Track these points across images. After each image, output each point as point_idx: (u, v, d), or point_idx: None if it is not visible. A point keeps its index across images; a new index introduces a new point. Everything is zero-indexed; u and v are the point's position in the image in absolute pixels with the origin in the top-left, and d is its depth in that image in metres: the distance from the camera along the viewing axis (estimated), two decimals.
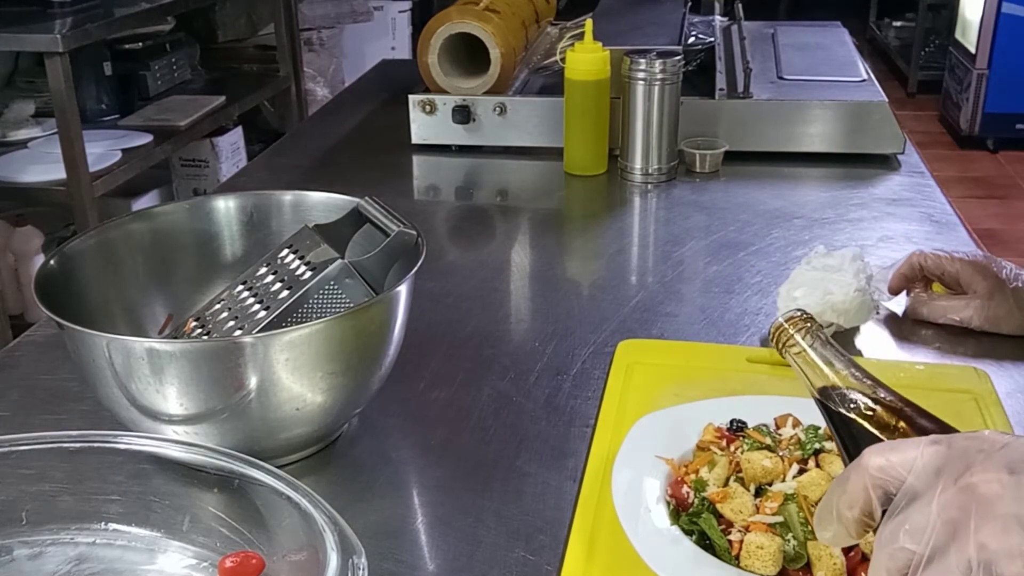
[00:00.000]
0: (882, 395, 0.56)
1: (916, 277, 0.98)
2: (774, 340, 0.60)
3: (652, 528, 0.67)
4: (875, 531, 0.50)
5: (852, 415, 0.55)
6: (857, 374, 0.57)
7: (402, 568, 0.68)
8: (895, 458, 0.49)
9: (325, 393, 0.72)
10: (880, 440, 0.54)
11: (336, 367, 0.72)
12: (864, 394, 0.56)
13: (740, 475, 0.69)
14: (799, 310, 0.60)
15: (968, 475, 0.46)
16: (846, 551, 0.63)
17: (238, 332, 0.77)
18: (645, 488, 0.71)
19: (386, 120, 1.65)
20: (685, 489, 0.69)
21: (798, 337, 0.59)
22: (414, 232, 0.79)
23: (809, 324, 0.59)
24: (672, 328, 0.98)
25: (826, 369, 0.58)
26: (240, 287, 0.81)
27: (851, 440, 0.55)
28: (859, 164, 1.39)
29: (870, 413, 0.55)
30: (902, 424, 0.54)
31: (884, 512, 0.50)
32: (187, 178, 2.90)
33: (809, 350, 0.58)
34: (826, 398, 0.57)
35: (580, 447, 0.79)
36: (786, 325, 0.59)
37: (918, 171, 1.38)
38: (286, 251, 0.82)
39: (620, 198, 1.34)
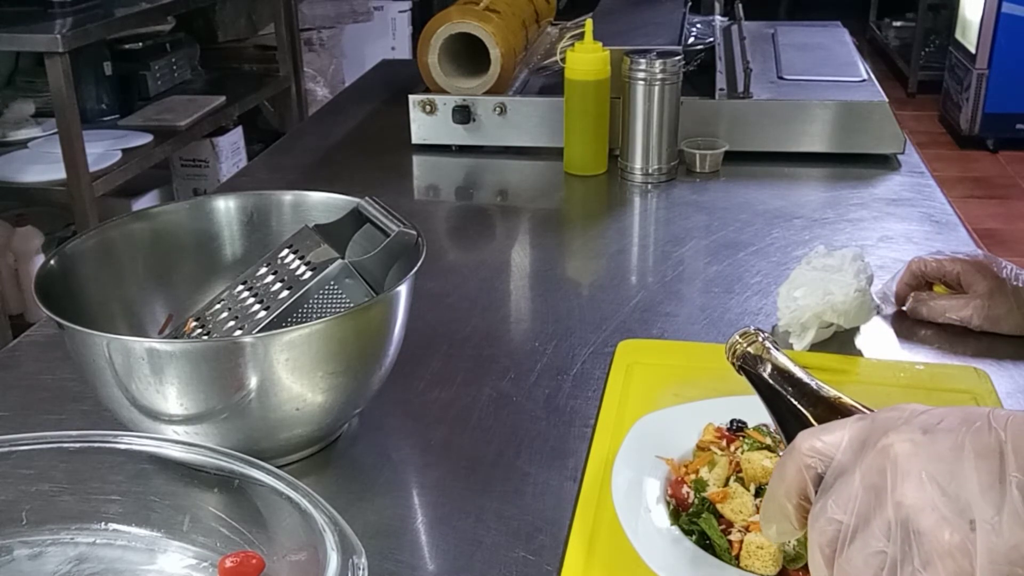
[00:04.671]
0: (825, 392, 0.57)
1: (919, 284, 0.98)
2: (735, 356, 0.62)
3: (652, 528, 0.67)
4: None
5: (799, 406, 0.57)
6: (805, 377, 0.59)
7: (402, 568, 0.68)
8: (826, 438, 0.50)
9: (325, 393, 0.72)
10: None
11: (336, 367, 0.72)
12: (808, 390, 0.57)
13: (740, 475, 0.69)
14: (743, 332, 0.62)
15: (884, 439, 0.47)
16: None
17: (238, 332, 0.77)
18: (645, 488, 0.71)
19: (386, 120, 1.65)
20: (685, 489, 0.69)
21: (754, 348, 0.61)
22: (414, 232, 0.79)
23: (759, 337, 0.62)
24: (672, 328, 0.98)
25: (786, 365, 0.60)
26: (240, 287, 0.81)
27: (795, 432, 0.56)
28: (859, 164, 1.39)
29: (810, 408, 0.56)
30: (838, 416, 0.55)
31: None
32: (187, 178, 2.90)
33: (767, 352, 0.61)
34: (775, 389, 0.59)
35: (580, 447, 0.79)
36: (739, 338, 0.62)
37: (918, 171, 1.38)
38: (286, 251, 0.82)
39: (620, 198, 1.34)
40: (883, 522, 0.46)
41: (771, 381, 0.59)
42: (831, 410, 0.56)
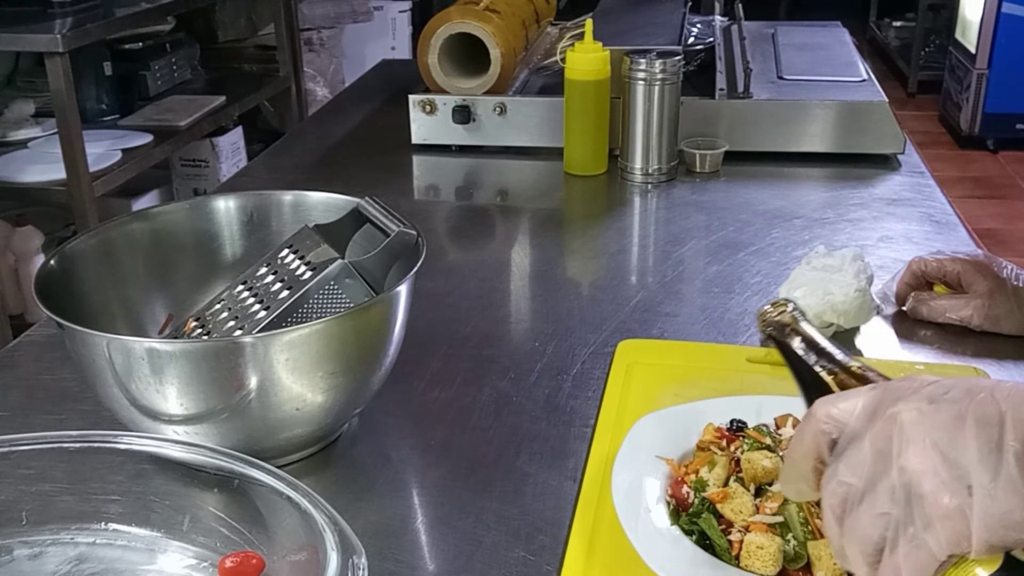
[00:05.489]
0: (848, 362, 0.59)
1: (919, 284, 0.98)
2: (764, 324, 0.64)
3: (652, 528, 0.67)
4: None
5: (824, 375, 0.59)
6: (830, 347, 0.61)
7: (402, 568, 0.68)
8: (841, 405, 0.53)
9: (325, 393, 0.72)
10: None
11: (336, 367, 0.72)
12: (832, 359, 0.59)
13: (740, 475, 0.69)
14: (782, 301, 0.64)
15: (893, 407, 0.50)
16: None
17: (238, 332, 0.77)
18: (645, 488, 0.71)
19: (386, 120, 1.65)
20: (685, 489, 0.69)
21: (783, 317, 0.63)
22: (414, 232, 0.78)
23: (788, 307, 0.64)
24: (672, 328, 0.98)
25: (810, 333, 0.62)
26: (240, 287, 0.81)
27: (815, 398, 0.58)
28: (859, 164, 1.39)
29: (833, 376, 0.58)
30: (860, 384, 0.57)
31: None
32: (187, 178, 2.90)
33: (796, 323, 0.62)
34: (801, 358, 0.61)
35: (580, 447, 0.79)
36: (769, 307, 0.64)
37: (918, 171, 1.38)
38: (286, 251, 0.82)
39: (620, 198, 1.34)
40: (888, 486, 0.48)
41: (798, 350, 0.61)
42: (852, 379, 0.58)
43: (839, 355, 0.59)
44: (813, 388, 0.59)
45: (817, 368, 0.59)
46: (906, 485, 0.48)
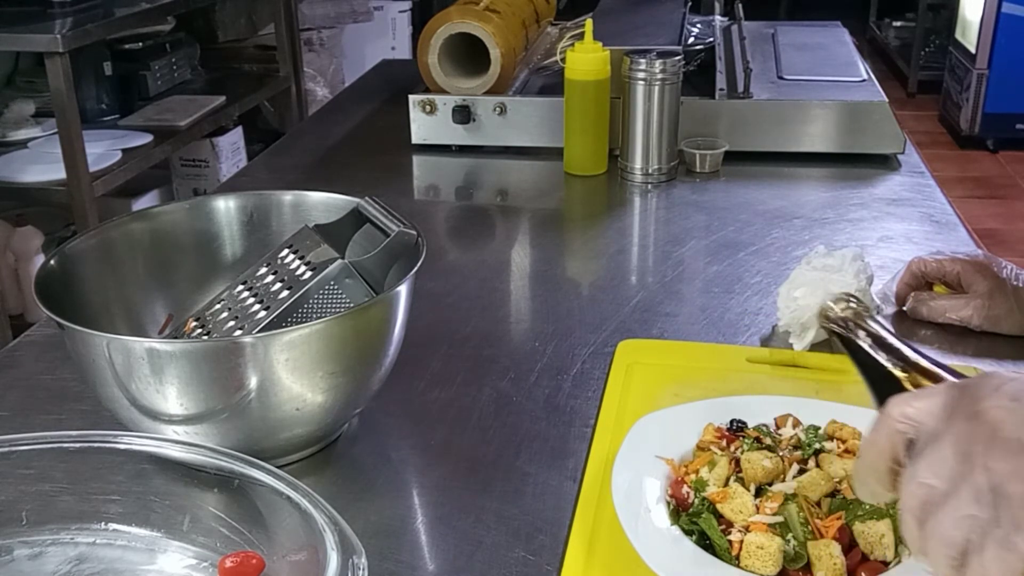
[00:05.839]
0: (919, 359, 0.58)
1: (919, 284, 0.98)
2: (827, 320, 0.64)
3: (652, 528, 0.67)
4: None
5: (894, 372, 0.58)
6: (899, 343, 0.60)
7: (402, 568, 0.68)
8: (917, 404, 0.51)
9: (325, 393, 0.72)
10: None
11: (336, 367, 0.72)
12: (902, 355, 0.58)
13: (740, 475, 0.69)
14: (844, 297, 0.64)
15: (975, 406, 0.48)
16: (846, 551, 0.63)
17: (238, 332, 0.77)
18: (645, 488, 0.71)
19: (386, 120, 1.65)
20: (685, 489, 0.69)
21: (848, 312, 0.63)
22: (414, 232, 0.79)
23: (852, 303, 0.63)
24: (672, 328, 0.98)
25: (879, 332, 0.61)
26: (240, 287, 0.81)
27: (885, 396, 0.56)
28: (859, 164, 1.39)
29: (905, 373, 0.57)
30: (931, 383, 0.56)
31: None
32: (187, 178, 2.90)
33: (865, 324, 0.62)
34: (869, 354, 0.60)
35: (580, 447, 0.79)
36: (833, 303, 0.64)
37: (918, 171, 1.38)
38: (286, 251, 0.82)
39: (620, 198, 1.34)
40: (973, 487, 0.47)
41: (865, 346, 0.60)
42: (925, 376, 0.56)
43: (909, 351, 0.58)
44: (884, 386, 0.57)
45: (888, 365, 0.58)
46: (993, 487, 0.46)
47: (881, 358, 0.58)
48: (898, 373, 0.57)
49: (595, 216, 1.32)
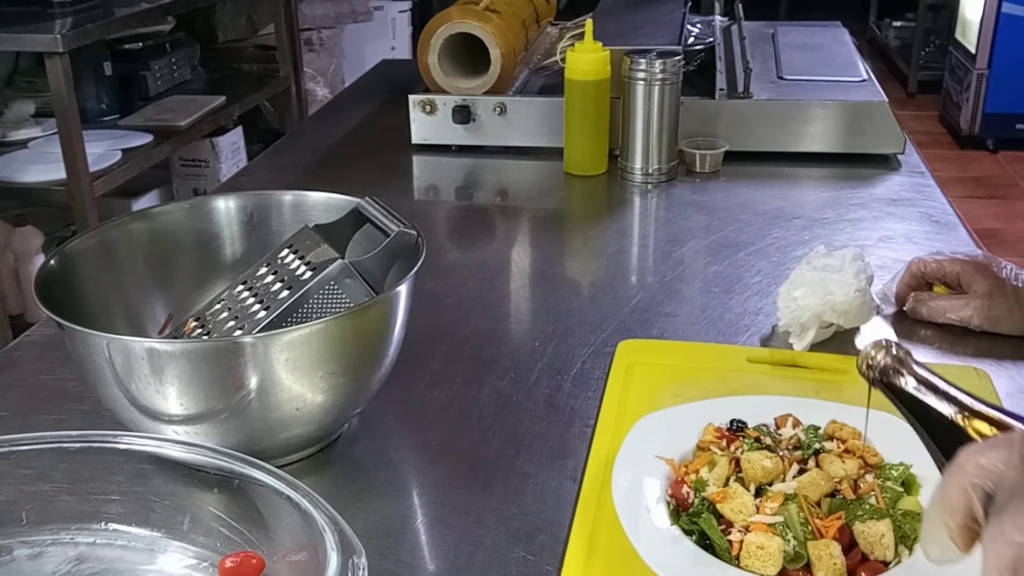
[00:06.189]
0: (975, 403, 0.55)
1: (919, 285, 0.98)
2: (869, 368, 0.60)
3: (652, 528, 0.67)
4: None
5: (951, 419, 0.54)
6: (950, 387, 0.57)
7: (402, 568, 0.68)
8: (992, 454, 0.48)
9: (325, 393, 0.72)
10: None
11: (336, 367, 0.72)
12: (956, 401, 0.55)
13: (740, 475, 0.69)
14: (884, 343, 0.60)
15: None
16: (846, 551, 0.63)
17: (238, 332, 0.77)
18: (645, 488, 0.71)
19: (386, 120, 1.65)
20: (685, 489, 0.69)
21: (889, 360, 0.59)
22: (414, 232, 0.79)
23: (892, 348, 0.60)
24: (672, 328, 0.98)
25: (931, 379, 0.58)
26: (240, 287, 0.81)
27: (949, 447, 0.53)
28: (859, 164, 1.39)
29: (965, 419, 0.54)
30: (995, 429, 0.53)
31: (987, 514, 0.48)
32: (187, 178, 2.90)
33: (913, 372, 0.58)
34: (922, 402, 0.56)
35: (580, 447, 0.79)
36: (872, 351, 0.60)
37: (918, 171, 1.38)
38: (286, 251, 0.82)
39: (620, 198, 1.34)
40: None
41: (916, 394, 0.56)
42: (987, 422, 0.53)
43: (962, 396, 0.55)
44: (944, 436, 0.54)
45: (947, 412, 0.54)
46: None
47: (937, 405, 0.55)
48: (959, 420, 0.54)
49: (595, 216, 1.32)
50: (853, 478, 0.68)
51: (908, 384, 0.57)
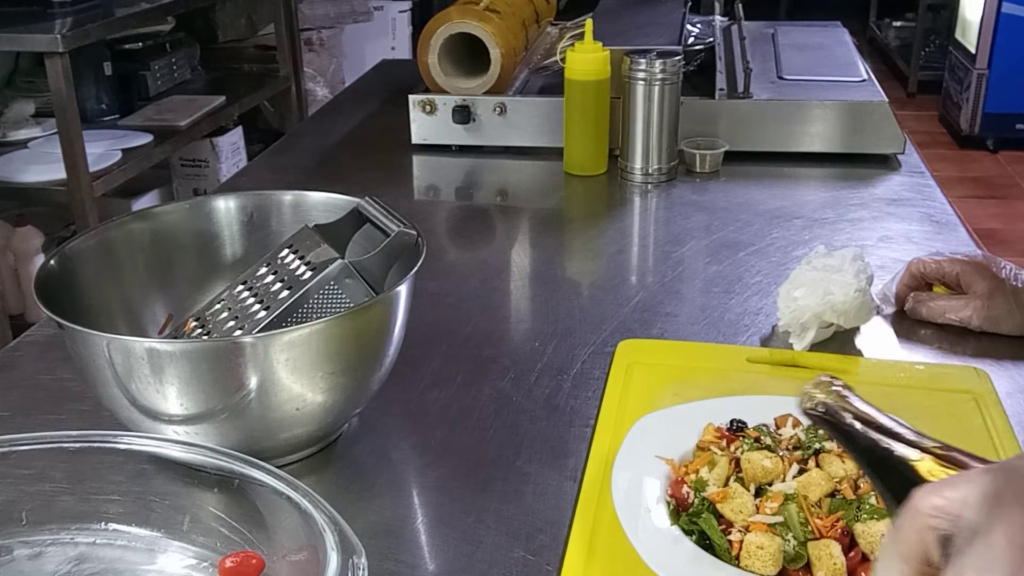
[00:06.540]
0: (928, 443, 0.52)
1: (919, 285, 0.98)
2: (808, 406, 0.58)
3: (652, 528, 0.67)
4: None
5: (900, 457, 0.52)
6: (894, 424, 0.55)
7: (402, 568, 0.68)
8: (949, 494, 0.45)
9: (325, 393, 0.72)
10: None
11: (336, 367, 0.72)
12: (903, 439, 0.53)
13: (740, 475, 0.69)
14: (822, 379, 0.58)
15: None
16: (846, 551, 0.63)
17: (238, 332, 0.77)
18: (645, 488, 0.71)
19: (386, 120, 1.65)
20: (685, 489, 0.69)
21: (831, 397, 0.57)
22: (414, 232, 0.79)
23: (833, 384, 0.58)
24: (672, 328, 0.98)
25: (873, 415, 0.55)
26: (240, 287, 0.81)
27: (897, 486, 0.51)
28: (859, 164, 1.39)
29: (918, 459, 0.51)
30: (951, 468, 0.50)
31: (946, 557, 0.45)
32: (187, 178, 2.90)
33: (851, 404, 0.56)
34: (866, 440, 0.54)
35: (580, 447, 0.79)
36: (812, 388, 0.58)
37: (918, 171, 1.38)
38: (286, 251, 0.82)
39: (620, 198, 1.34)
40: None
41: (861, 432, 0.54)
42: (940, 460, 0.51)
43: (908, 432, 0.53)
44: (894, 476, 0.51)
45: (898, 450, 0.52)
46: None
47: (883, 442, 0.52)
48: (909, 458, 0.51)
49: (595, 216, 1.32)
50: (853, 478, 0.68)
51: (851, 422, 0.55)
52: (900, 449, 0.52)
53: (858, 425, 0.54)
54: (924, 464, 0.51)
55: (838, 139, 1.40)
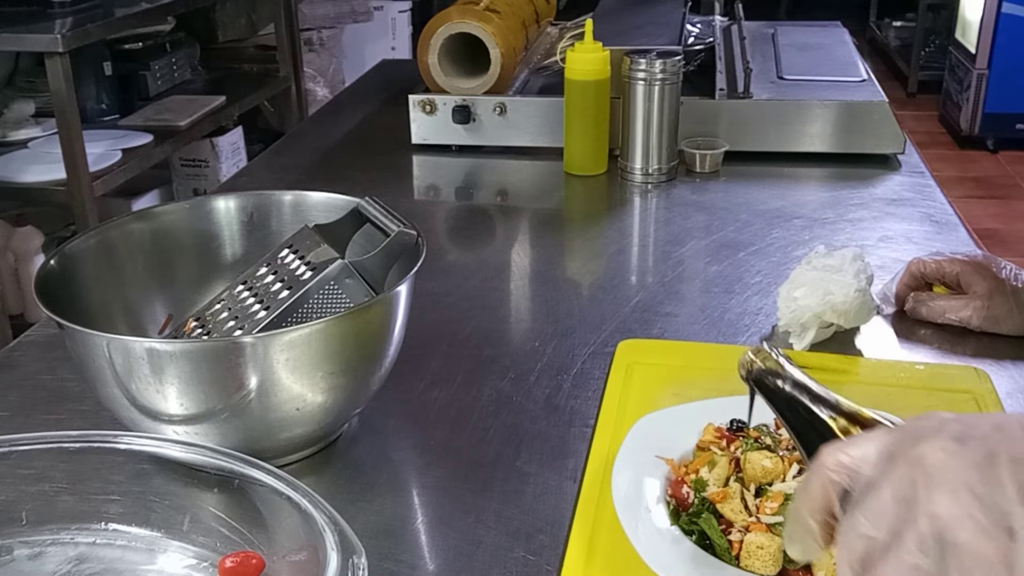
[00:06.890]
0: (845, 405, 0.55)
1: (919, 285, 0.98)
2: (746, 372, 0.61)
3: (652, 528, 0.67)
4: None
5: (823, 420, 0.55)
6: (823, 390, 0.57)
7: (402, 568, 0.68)
8: (852, 451, 0.48)
9: (325, 393, 0.72)
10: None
11: (336, 367, 0.72)
12: (828, 403, 0.56)
13: (740, 475, 0.69)
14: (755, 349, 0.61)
15: (915, 449, 0.45)
16: None
17: (238, 332, 0.77)
18: (645, 488, 0.71)
19: (386, 120, 1.65)
20: (685, 489, 0.69)
21: (769, 363, 0.60)
22: (414, 232, 0.79)
23: (772, 352, 0.60)
24: (672, 328, 0.98)
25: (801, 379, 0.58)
26: (240, 287, 0.81)
27: (818, 447, 0.53)
28: (859, 164, 1.39)
29: (833, 421, 0.55)
30: (862, 430, 0.53)
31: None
32: (187, 178, 2.90)
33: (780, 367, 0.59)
34: (793, 404, 0.57)
35: (580, 447, 0.79)
36: (752, 356, 0.60)
37: (918, 171, 1.38)
38: (286, 251, 0.82)
39: (620, 198, 1.34)
40: (917, 535, 0.43)
41: (789, 395, 0.57)
42: (853, 422, 0.54)
43: (834, 398, 0.56)
44: (813, 435, 0.54)
45: (818, 412, 0.55)
46: (938, 533, 0.43)
47: (807, 407, 0.56)
48: (829, 421, 0.54)
49: (595, 216, 1.32)
50: None
51: (784, 386, 0.57)
52: (821, 412, 0.55)
53: (787, 389, 0.57)
54: (839, 423, 0.54)
55: (838, 139, 1.40)
